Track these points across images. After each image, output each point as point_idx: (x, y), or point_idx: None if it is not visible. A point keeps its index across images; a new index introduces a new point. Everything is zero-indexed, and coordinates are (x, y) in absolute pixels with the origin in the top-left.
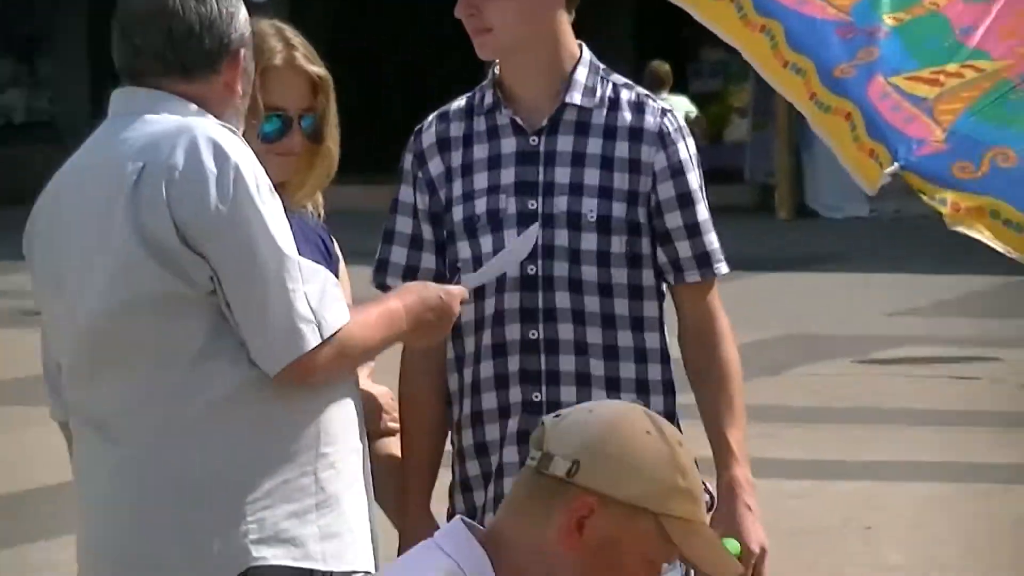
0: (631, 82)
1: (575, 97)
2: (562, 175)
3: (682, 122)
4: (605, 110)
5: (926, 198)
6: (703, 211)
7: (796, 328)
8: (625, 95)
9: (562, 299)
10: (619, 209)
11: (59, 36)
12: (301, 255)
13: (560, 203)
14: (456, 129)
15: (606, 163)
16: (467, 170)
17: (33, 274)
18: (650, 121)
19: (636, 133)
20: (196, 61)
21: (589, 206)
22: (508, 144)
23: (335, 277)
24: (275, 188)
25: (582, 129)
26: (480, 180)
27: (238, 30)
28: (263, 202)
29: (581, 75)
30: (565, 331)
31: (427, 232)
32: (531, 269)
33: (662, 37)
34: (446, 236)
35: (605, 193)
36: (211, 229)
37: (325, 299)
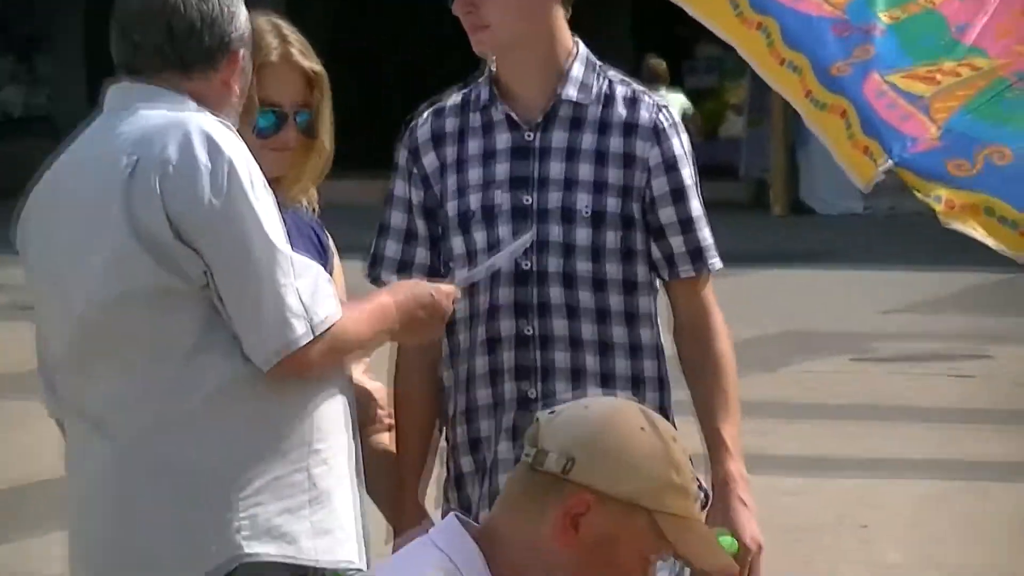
0: (627, 77)
1: (570, 92)
2: (556, 170)
3: (677, 117)
4: (600, 105)
5: (920, 195)
6: (697, 206)
7: (791, 325)
8: (620, 90)
9: (555, 294)
10: (613, 204)
11: (58, 35)
12: (295, 250)
13: (554, 198)
14: (451, 124)
15: (600, 158)
16: (461, 165)
17: (27, 268)
18: (645, 116)
19: (630, 128)
20: (196, 58)
21: (583, 201)
22: (503, 139)
23: (328, 272)
24: (269, 183)
25: (576, 124)
26: (474, 175)
27: (238, 29)
28: (256, 197)
29: (576, 70)
30: (559, 326)
31: (421, 227)
32: (525, 264)
33: (659, 34)
34: (440, 231)
35: (599, 188)
36: (204, 223)
37: (317, 294)
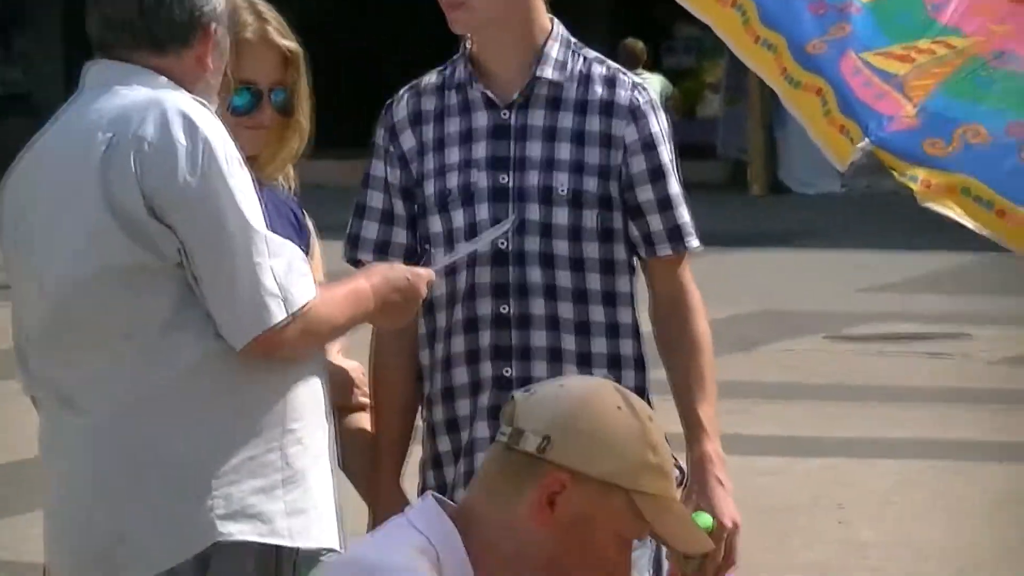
0: (603, 57)
1: (547, 71)
2: (534, 150)
3: (654, 96)
4: (577, 84)
5: (897, 174)
6: (674, 185)
7: (769, 304)
8: (597, 69)
9: (534, 274)
10: (591, 184)
11: (34, 12)
12: (272, 229)
13: (532, 178)
14: (428, 103)
15: (578, 138)
16: (439, 144)
17: (3, 246)
18: (622, 95)
19: (608, 107)
20: (166, 33)
21: (561, 181)
22: (480, 118)
23: (305, 252)
24: (245, 161)
25: (554, 104)
26: (452, 154)
27: (211, 3)
28: (232, 175)
29: (553, 50)
30: (537, 306)
31: (399, 207)
32: (503, 244)
33: (637, 14)
34: (418, 211)
35: (577, 168)
36: (179, 201)
37: (292, 274)
